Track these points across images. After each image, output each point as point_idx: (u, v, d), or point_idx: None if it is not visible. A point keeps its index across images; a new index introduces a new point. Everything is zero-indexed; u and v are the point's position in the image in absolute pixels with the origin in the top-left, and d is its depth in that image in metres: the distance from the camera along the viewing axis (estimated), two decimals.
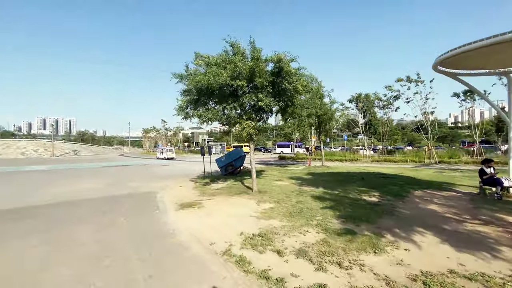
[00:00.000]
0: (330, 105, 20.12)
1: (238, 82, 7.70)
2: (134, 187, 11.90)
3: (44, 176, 16.94)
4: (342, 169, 19.09)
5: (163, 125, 73.93)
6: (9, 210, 7.79)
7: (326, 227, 5.67)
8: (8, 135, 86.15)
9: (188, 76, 8.65)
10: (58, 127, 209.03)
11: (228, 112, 8.31)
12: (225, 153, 19.81)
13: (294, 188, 10.46)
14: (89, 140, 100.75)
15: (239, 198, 8.70)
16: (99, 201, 8.93)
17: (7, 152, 52.80)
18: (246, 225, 5.92)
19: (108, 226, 6.10)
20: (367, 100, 34.19)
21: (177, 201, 8.61)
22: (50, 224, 6.32)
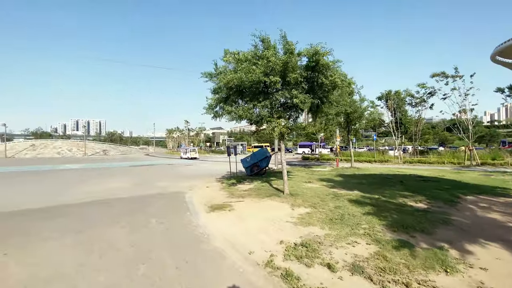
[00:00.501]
0: (360, 103, 18.99)
1: (272, 78, 7.22)
2: (162, 187, 11.89)
3: (77, 175, 17.66)
4: (373, 170, 17.92)
5: (186, 125, 75.50)
6: (44, 208, 7.95)
7: (376, 237, 5.02)
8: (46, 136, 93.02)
9: (217, 75, 8.33)
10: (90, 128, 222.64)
11: (259, 110, 7.86)
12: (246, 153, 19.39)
13: (327, 191, 9.78)
14: (117, 140, 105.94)
15: (270, 201, 8.22)
16: (130, 201, 8.90)
17: (45, 151, 56.87)
18: (284, 232, 5.42)
19: (140, 227, 5.91)
20: (397, 98, 32.24)
21: (206, 202, 8.32)
22: (83, 223, 6.26)
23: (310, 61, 7.44)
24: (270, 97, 7.99)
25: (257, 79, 7.32)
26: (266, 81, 7.45)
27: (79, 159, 42.32)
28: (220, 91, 8.58)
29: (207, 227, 5.86)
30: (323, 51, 7.21)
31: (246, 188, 10.80)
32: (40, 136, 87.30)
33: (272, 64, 7.28)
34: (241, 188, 10.73)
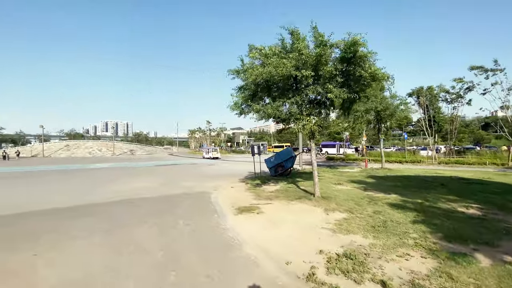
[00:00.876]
0: (392, 100, 17.76)
1: (304, 72, 6.72)
2: (187, 187, 11.81)
3: (105, 174, 18.30)
4: (406, 172, 16.65)
5: (208, 126, 76.71)
6: (73, 207, 8.09)
7: (430, 248, 4.37)
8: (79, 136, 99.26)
9: (244, 71, 7.96)
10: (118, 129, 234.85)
11: (289, 107, 7.37)
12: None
13: (361, 194, 9.06)
14: (143, 140, 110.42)
15: (301, 204, 7.71)
16: (157, 201, 8.84)
17: (78, 151, 60.60)
18: (321, 240, 4.91)
19: (168, 229, 5.70)
20: (430, 94, 30.06)
21: (233, 203, 8.01)
22: (112, 223, 6.19)
23: (346, 52, 6.83)
24: (300, 92, 7.48)
25: (288, 73, 6.85)
26: (297, 76, 6.95)
27: (108, 158, 44.42)
28: (247, 88, 8.23)
29: (236, 231, 5.51)
30: (362, 41, 6.57)
31: (272, 189, 10.36)
32: (73, 137, 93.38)
33: (305, 57, 6.78)
34: (267, 189, 10.31)
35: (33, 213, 7.34)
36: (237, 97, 8.40)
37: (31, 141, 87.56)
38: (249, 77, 7.37)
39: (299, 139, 19.16)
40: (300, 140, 18.54)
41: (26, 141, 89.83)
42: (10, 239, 5.21)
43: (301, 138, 18.54)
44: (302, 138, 18.62)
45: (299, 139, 18.79)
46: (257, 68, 7.25)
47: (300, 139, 18.55)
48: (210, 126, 76.66)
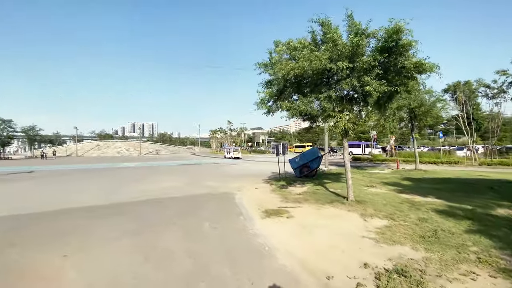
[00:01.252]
0: (429, 97, 16.37)
1: (340, 64, 6.15)
2: (211, 187, 11.67)
3: (133, 173, 18.83)
4: (445, 174, 15.25)
5: (229, 126, 77.35)
6: (103, 205, 8.19)
7: (498, 266, 3.66)
8: (108, 137, 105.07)
9: (273, 65, 7.53)
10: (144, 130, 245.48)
11: (321, 103, 6.82)
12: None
13: (398, 198, 8.26)
14: (168, 140, 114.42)
15: (333, 208, 7.13)
16: (182, 201, 8.72)
17: (107, 151, 63.98)
18: (364, 251, 4.35)
19: (195, 232, 5.44)
20: (468, 89, 27.59)
21: (259, 206, 7.63)
22: (140, 223, 6.08)
23: (387, 41, 6.15)
24: (334, 87, 6.91)
25: (323, 66, 6.32)
26: (332, 68, 6.40)
27: (135, 158, 46.29)
28: (275, 84, 7.81)
29: (266, 237, 5.11)
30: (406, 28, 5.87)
31: (299, 191, 9.85)
32: (103, 138, 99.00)
33: (341, 47, 6.22)
34: (293, 191, 9.81)
35: (66, 211, 7.50)
36: (263, 93, 8.00)
37: (66, 141, 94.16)
38: (278, 72, 6.93)
39: (324, 138, 18.33)
40: (326, 140, 17.71)
41: (62, 141, 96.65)
42: (41, 237, 5.26)
43: (326, 138, 17.72)
44: (327, 137, 17.80)
45: (325, 138, 17.96)
46: (288, 62, 6.80)
47: (326, 139, 17.72)
48: (231, 126, 77.17)
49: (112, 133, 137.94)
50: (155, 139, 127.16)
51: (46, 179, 15.20)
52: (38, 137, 59.09)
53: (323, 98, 6.72)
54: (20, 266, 4.00)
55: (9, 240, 5.10)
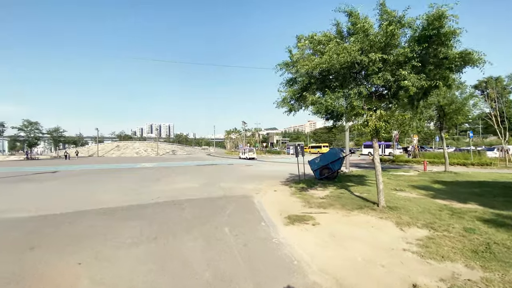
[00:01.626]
0: (459, 93, 15.18)
1: (372, 56, 5.57)
2: (228, 188, 11.35)
3: (151, 173, 18.93)
4: (478, 176, 14.03)
5: (243, 126, 77.23)
6: (121, 207, 8.05)
7: None
8: (127, 138, 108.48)
9: (294, 63, 7.03)
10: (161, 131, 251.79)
11: (351, 99, 6.23)
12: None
13: (434, 204, 7.50)
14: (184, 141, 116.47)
15: (363, 215, 6.52)
16: (200, 203, 8.43)
17: (126, 151, 65.85)
18: (408, 267, 3.78)
19: (215, 240, 5.07)
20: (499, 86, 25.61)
21: (281, 211, 7.17)
22: (157, 228, 5.80)
23: (426, 29, 5.49)
24: (364, 82, 6.32)
25: (352, 59, 5.77)
26: (363, 61, 5.82)
27: (153, 158, 47.17)
28: (297, 81, 7.33)
29: (292, 247, 4.64)
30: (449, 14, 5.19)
31: (321, 194, 9.27)
32: (123, 139, 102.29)
33: (373, 38, 5.65)
34: (316, 195, 9.24)
35: (85, 213, 7.41)
36: (285, 92, 7.54)
37: (88, 142, 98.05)
38: (301, 69, 6.43)
39: (345, 138, 17.48)
40: (346, 140, 16.86)
41: (84, 142, 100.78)
42: (59, 241, 5.09)
43: (347, 138, 16.89)
44: (348, 137, 16.96)
45: (345, 138, 17.12)
46: (312, 58, 6.28)
47: (346, 139, 16.88)
48: (245, 126, 77.05)
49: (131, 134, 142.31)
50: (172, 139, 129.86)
51: (68, 179, 15.55)
52: (62, 138, 61.68)
53: (352, 95, 6.13)
54: (36, 272, 3.79)
55: (30, 243, 4.98)
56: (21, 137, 47.50)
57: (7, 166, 28.49)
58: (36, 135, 48.04)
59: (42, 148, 76.94)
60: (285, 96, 7.56)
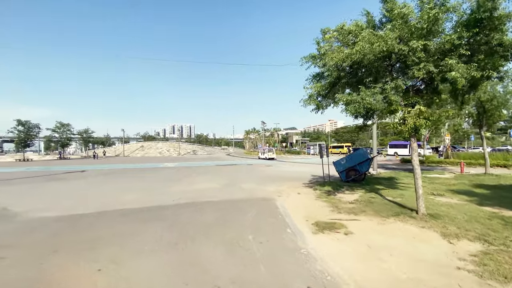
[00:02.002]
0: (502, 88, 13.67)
1: (414, 44, 4.94)
2: (249, 190, 11.03)
3: (173, 173, 19.15)
4: None
5: (263, 126, 76.91)
6: (143, 208, 7.99)
7: None
8: (151, 138, 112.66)
9: (322, 55, 6.49)
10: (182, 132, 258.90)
11: (388, 95, 5.59)
12: None
13: (482, 212, 6.60)
14: (204, 141, 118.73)
15: (401, 223, 5.86)
16: (221, 206, 8.17)
17: (150, 151, 68.15)
18: None
19: (238, 248, 4.72)
20: None
21: (307, 216, 6.68)
22: (178, 233, 5.58)
23: (478, 11, 4.76)
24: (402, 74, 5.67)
25: (389, 48, 5.16)
26: (402, 51, 5.20)
27: (174, 158, 48.29)
28: (324, 76, 6.80)
29: (324, 260, 4.16)
30: None
31: (350, 199, 8.63)
32: (147, 139, 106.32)
33: (415, 24, 5.01)
34: (344, 199, 8.63)
35: (107, 213, 7.43)
36: (311, 88, 7.02)
37: (115, 143, 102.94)
38: (329, 61, 5.89)
39: (372, 138, 16.41)
40: (374, 140, 15.85)
41: (111, 142, 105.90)
42: (81, 244, 5.01)
43: (375, 137, 15.87)
44: (376, 137, 15.93)
45: (373, 138, 16.10)
46: (342, 49, 5.72)
47: (374, 138, 15.87)
48: (265, 126, 76.67)
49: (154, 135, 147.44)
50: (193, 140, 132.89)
51: (95, 179, 16.10)
52: (91, 139, 65.27)
53: (389, 89, 5.50)
54: (53, 279, 3.67)
55: (52, 246, 4.95)
56: (55, 138, 50.75)
57: (42, 165, 30.43)
58: (68, 136, 51.13)
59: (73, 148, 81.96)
60: (312, 92, 7.04)
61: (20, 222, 6.65)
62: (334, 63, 5.84)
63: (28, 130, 43.73)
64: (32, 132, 44.40)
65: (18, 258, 4.43)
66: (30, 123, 43.95)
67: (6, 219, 6.96)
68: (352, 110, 5.75)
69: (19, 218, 7.07)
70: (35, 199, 9.74)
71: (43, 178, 16.90)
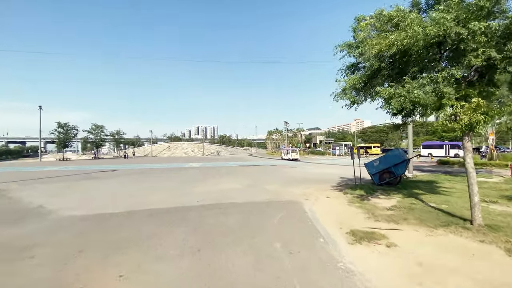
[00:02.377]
0: None
1: (475, 26, 4.18)
2: (273, 192, 10.59)
3: (198, 173, 19.30)
4: None
5: (286, 126, 75.97)
6: (167, 209, 7.89)
7: None
8: (177, 139, 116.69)
9: (360, 43, 5.83)
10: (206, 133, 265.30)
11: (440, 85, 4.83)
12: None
13: None
14: (227, 142, 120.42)
15: (454, 236, 5.05)
16: (245, 208, 7.83)
17: (176, 151, 70.42)
18: None
19: (267, 259, 4.29)
20: None
21: (340, 223, 6.09)
22: (202, 237, 5.31)
23: None
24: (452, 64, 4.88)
25: (445, 32, 4.43)
26: (461, 34, 4.44)
27: (199, 158, 49.27)
28: (360, 68, 6.16)
29: (366, 277, 3.59)
30: None
31: (387, 204, 7.83)
32: (173, 140, 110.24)
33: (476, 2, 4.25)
34: (380, 204, 7.85)
35: (133, 213, 7.43)
36: (345, 81, 6.39)
37: (144, 143, 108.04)
38: (370, 50, 5.24)
39: (408, 137, 15.05)
40: (409, 140, 14.51)
41: (141, 143, 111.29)
42: (104, 246, 4.91)
43: (411, 136, 14.55)
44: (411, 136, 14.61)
45: (409, 137, 14.77)
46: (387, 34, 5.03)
47: (409, 138, 14.54)
48: (287, 126, 75.64)
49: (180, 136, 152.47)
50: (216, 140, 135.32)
51: (125, 178, 16.67)
52: (123, 140, 68.99)
53: (440, 79, 4.74)
54: (73, 286, 3.54)
55: (79, 246, 4.93)
56: (90, 139, 54.24)
57: (78, 164, 32.54)
58: (102, 137, 54.41)
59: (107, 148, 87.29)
60: (345, 86, 6.39)
61: (52, 220, 6.84)
62: (377, 51, 5.17)
63: (67, 131, 47.21)
64: (70, 134, 47.86)
65: (47, 257, 4.42)
66: (69, 125, 47.43)
67: (40, 217, 7.21)
68: (397, 105, 4.99)
69: (52, 216, 7.30)
70: (66, 197, 10.13)
71: (78, 176, 17.87)
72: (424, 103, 4.86)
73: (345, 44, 6.32)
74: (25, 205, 8.69)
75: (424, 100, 4.76)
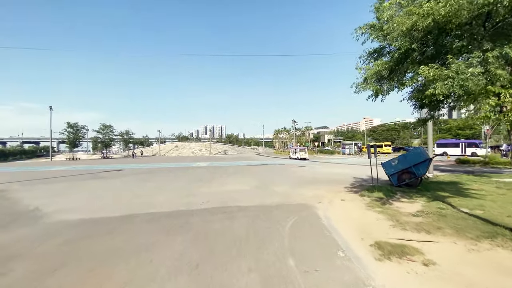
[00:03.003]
0: None
1: None
2: (283, 194, 9.84)
3: (204, 173, 18.70)
4: None
5: (294, 125, 74.74)
6: (171, 213, 7.28)
7: None
8: (185, 139, 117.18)
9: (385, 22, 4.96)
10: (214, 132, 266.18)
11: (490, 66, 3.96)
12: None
13: None
14: (234, 141, 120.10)
15: (503, 250, 4.19)
16: (251, 213, 7.11)
17: (184, 151, 70.41)
18: None
19: (277, 278, 3.57)
20: None
21: (361, 232, 5.29)
22: (204, 250, 4.63)
23: None
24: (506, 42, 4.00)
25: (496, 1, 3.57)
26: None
27: (206, 157, 48.89)
28: (384, 53, 5.32)
29: None
30: None
31: (411, 209, 6.95)
32: (181, 139, 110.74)
33: None
34: (403, 209, 6.98)
35: (132, 217, 6.84)
36: (367, 69, 5.55)
37: (152, 143, 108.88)
38: (399, 26, 4.38)
39: (428, 134, 13.91)
40: (429, 136, 13.40)
41: (149, 143, 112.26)
42: (91, 259, 4.30)
43: (430, 133, 13.42)
44: (431, 133, 13.50)
45: (429, 134, 13.63)
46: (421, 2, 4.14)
47: (429, 135, 13.41)
48: (296, 125, 74.43)
49: (188, 135, 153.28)
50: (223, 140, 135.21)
51: (130, 178, 16.23)
52: (131, 140, 69.48)
53: (491, 59, 3.87)
54: None
55: (62, 258, 4.34)
56: (99, 138, 54.70)
57: (86, 164, 32.59)
58: (110, 137, 54.79)
59: (116, 148, 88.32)
60: (368, 74, 5.54)
61: (43, 225, 6.31)
62: (408, 26, 4.31)
63: (76, 131, 47.65)
64: (80, 133, 48.31)
65: (22, 273, 3.83)
66: (78, 125, 47.86)
67: (33, 221, 6.71)
68: (444, 89, 4.10)
69: (45, 220, 6.79)
70: (67, 198, 9.68)
71: (83, 176, 17.59)
72: (470, 88, 3.99)
73: (367, 25, 5.46)
74: (21, 207, 8.25)
75: (473, 84, 3.89)
